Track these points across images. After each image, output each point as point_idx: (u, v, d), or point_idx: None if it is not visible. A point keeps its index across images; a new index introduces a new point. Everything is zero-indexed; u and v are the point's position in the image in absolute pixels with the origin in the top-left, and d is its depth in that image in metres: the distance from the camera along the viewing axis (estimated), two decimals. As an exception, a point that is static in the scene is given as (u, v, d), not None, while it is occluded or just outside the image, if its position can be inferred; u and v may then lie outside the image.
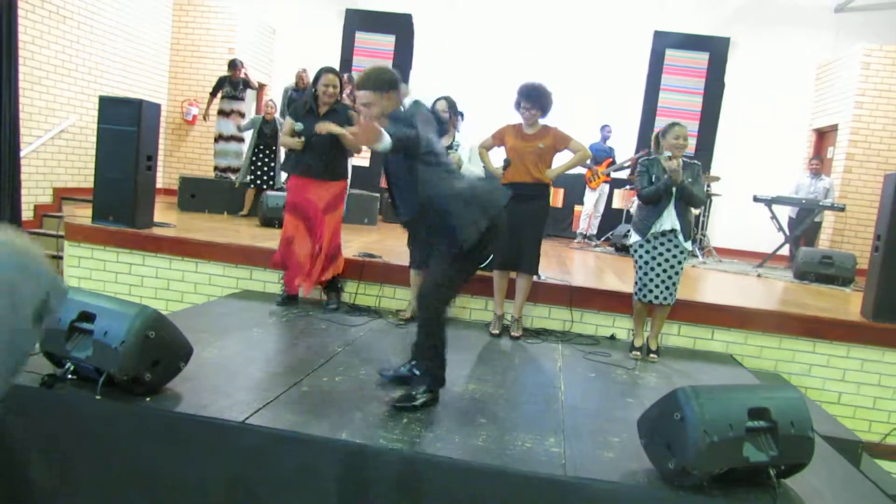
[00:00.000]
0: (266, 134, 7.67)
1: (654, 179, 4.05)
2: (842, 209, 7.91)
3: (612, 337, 4.75)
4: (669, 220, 4.06)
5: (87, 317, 2.68)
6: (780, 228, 8.08)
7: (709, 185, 8.83)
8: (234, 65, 8.35)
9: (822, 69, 9.71)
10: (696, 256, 8.11)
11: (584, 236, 9.11)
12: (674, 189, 4.02)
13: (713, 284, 6.37)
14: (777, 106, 9.91)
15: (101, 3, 8.15)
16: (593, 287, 5.00)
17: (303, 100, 4.66)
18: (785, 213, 8.43)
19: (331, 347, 3.73)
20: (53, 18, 7.40)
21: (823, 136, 9.76)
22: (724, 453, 2.26)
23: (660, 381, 3.80)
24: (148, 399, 2.64)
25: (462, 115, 6.72)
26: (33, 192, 7.32)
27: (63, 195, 7.72)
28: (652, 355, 4.26)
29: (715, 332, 4.73)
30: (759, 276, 7.20)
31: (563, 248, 8.31)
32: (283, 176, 8.24)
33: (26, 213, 6.99)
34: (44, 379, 2.66)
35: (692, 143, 9.91)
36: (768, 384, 3.46)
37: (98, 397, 2.57)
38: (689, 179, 4.03)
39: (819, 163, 8.61)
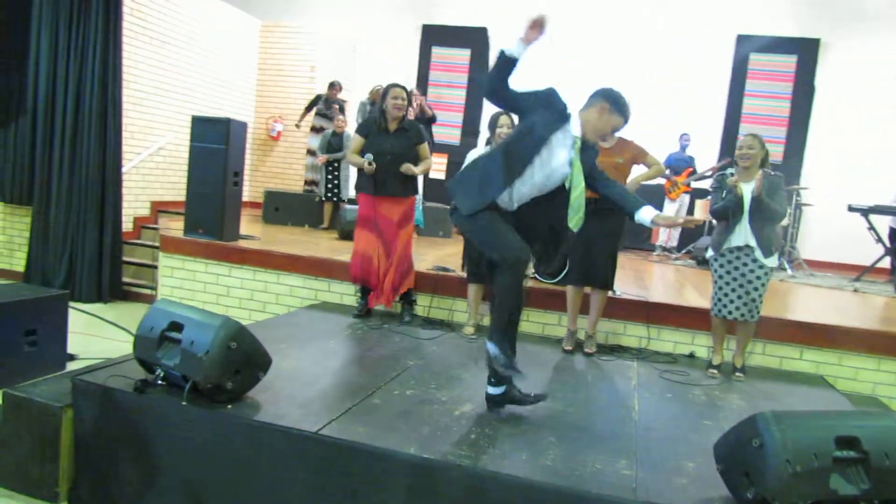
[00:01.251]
0: (334, 147, 7.89)
1: (724, 195, 3.92)
2: (949, 220, 7.35)
3: (692, 355, 4.59)
4: (743, 235, 3.91)
5: (177, 326, 2.86)
6: (879, 239, 7.58)
7: (798, 195, 8.42)
8: (332, 85, 8.69)
9: (924, 70, 9.06)
10: (785, 270, 7.73)
11: (664, 249, 8.87)
12: (745, 204, 3.86)
13: (802, 299, 6.05)
14: (873, 109, 9.30)
15: (196, 27, 8.66)
16: (671, 303, 4.85)
17: (372, 117, 4.76)
18: (885, 223, 7.90)
19: (403, 361, 3.79)
20: (154, 44, 7.91)
21: (928, 142, 9.09)
22: (809, 485, 2.15)
23: (741, 402, 3.64)
24: (229, 406, 2.78)
25: None
26: (133, 206, 7.82)
27: (160, 208, 8.22)
28: (738, 374, 4.09)
29: (804, 352, 4.48)
30: (855, 290, 6.78)
31: (641, 261, 8.11)
32: (351, 190, 8.49)
33: (126, 225, 7.48)
34: (136, 384, 2.85)
35: (779, 150, 9.50)
36: (862, 410, 3.25)
37: (184, 403, 2.72)
38: (763, 192, 3.85)
39: (923, 171, 8.03)
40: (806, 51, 9.49)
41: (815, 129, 9.55)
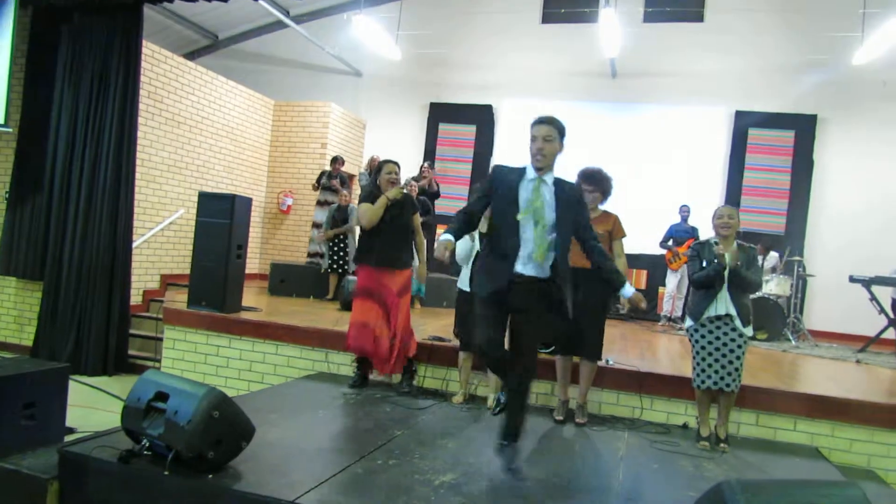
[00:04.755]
0: (338, 220, 8.12)
1: (704, 264, 4.00)
2: (951, 290, 7.33)
3: (685, 426, 4.57)
4: (724, 304, 3.97)
5: (162, 396, 2.95)
6: (882, 310, 7.55)
7: (802, 266, 8.45)
8: (334, 160, 9.04)
9: (919, 143, 9.24)
10: (790, 340, 7.69)
11: (669, 319, 8.86)
12: (725, 274, 3.94)
13: (803, 370, 6.00)
14: (872, 183, 9.46)
15: (210, 108, 9.11)
16: (663, 373, 4.86)
17: (367, 190, 4.95)
18: (888, 294, 7.89)
19: (390, 430, 3.82)
20: (169, 124, 8.32)
21: (928, 213, 9.16)
22: (774, 555, 2.15)
23: (729, 473, 3.61)
24: (210, 476, 2.83)
25: None
26: (143, 279, 8.03)
27: (169, 281, 8.42)
28: (722, 445, 4.06)
29: (798, 423, 4.45)
30: (858, 361, 6.71)
31: (645, 331, 8.11)
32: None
33: (135, 298, 7.67)
34: (121, 454, 2.91)
35: (781, 221, 9.61)
36: (829, 480, 3.20)
37: (166, 473, 2.78)
38: (739, 263, 3.94)
39: (923, 240, 8.07)
40: (803, 126, 9.74)
41: (815, 202, 9.70)
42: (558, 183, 3.22)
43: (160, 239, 8.35)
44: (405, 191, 4.82)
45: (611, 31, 8.59)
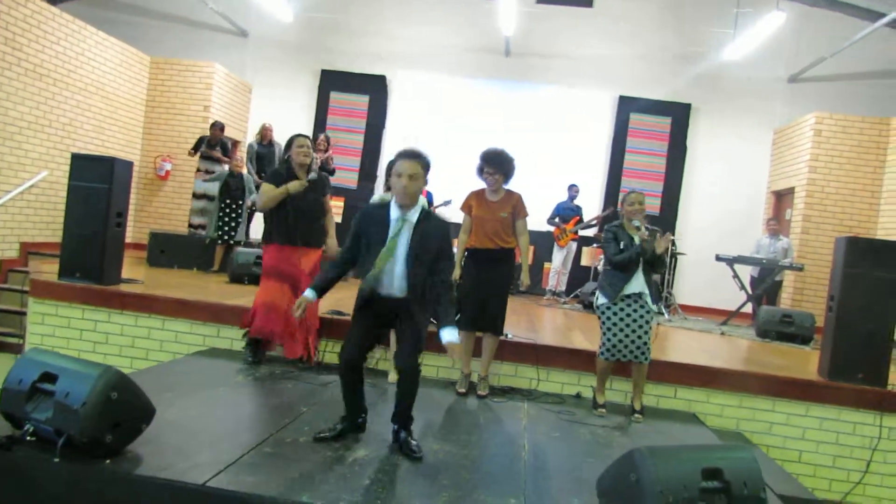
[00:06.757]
0: (231, 187, 7.75)
1: (622, 246, 4.21)
2: (800, 269, 8.18)
3: (578, 395, 4.81)
4: (638, 283, 4.21)
5: (50, 377, 2.69)
6: (743, 287, 8.30)
7: (674, 245, 9.09)
8: (213, 125, 8.51)
9: (778, 134, 10.18)
10: (663, 314, 8.27)
11: (553, 293, 9.25)
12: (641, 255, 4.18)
13: (678, 342, 6.49)
14: (738, 168, 10.35)
15: (77, 61, 8.29)
16: (559, 345, 5.08)
17: (283, 167, 4.70)
18: (747, 271, 8.68)
19: (296, 407, 3.72)
20: (29, 76, 7.49)
21: (782, 199, 10.14)
22: (679, 514, 2.31)
23: (623, 439, 3.85)
24: (108, 461, 2.62)
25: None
26: (0, 248, 7.26)
27: (30, 250, 7.66)
28: (637, 416, 4.32)
29: (678, 391, 4.81)
30: (722, 333, 7.35)
31: (532, 305, 8.41)
32: (252, 234, 8.30)
33: (-9, 268, 6.92)
34: (1, 441, 2.63)
35: (657, 202, 10.27)
36: (723, 444, 3.54)
37: (56, 459, 2.54)
38: (661, 250, 4.20)
39: (777, 224, 8.93)
40: (679, 114, 10.43)
41: (687, 185, 10.45)
42: (423, 219, 3.21)
43: (19, 203, 7.55)
44: (314, 170, 4.67)
45: (508, 9, 8.69)
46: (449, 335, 3.03)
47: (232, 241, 7.75)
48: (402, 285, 3.16)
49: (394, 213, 3.18)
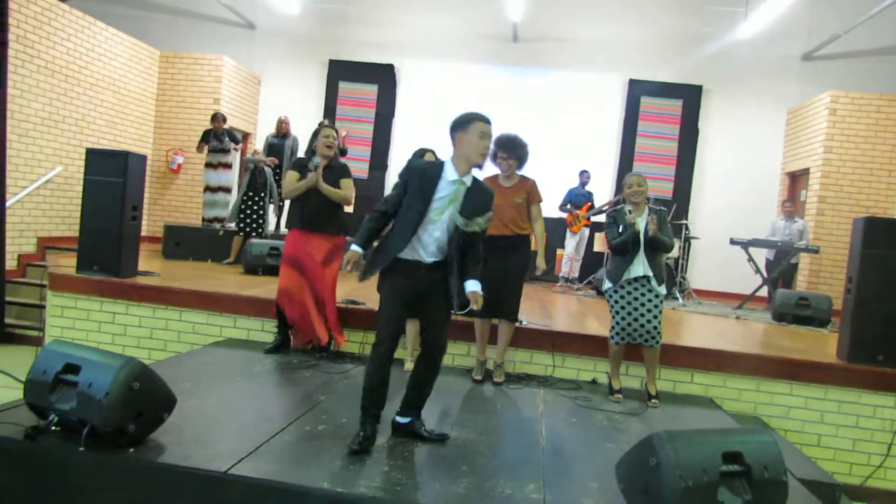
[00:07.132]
0: (258, 182, 7.78)
1: (620, 230, 4.19)
2: (816, 251, 8.10)
3: (594, 381, 4.80)
4: (641, 266, 4.18)
5: (72, 368, 2.72)
6: (758, 270, 8.24)
7: (687, 229, 9.03)
8: (214, 117, 8.51)
9: (792, 114, 10.05)
10: (677, 299, 8.24)
11: (567, 280, 9.23)
12: (641, 237, 4.14)
13: (693, 327, 6.47)
14: (751, 150, 10.24)
15: (88, 57, 8.33)
16: (574, 332, 5.07)
17: (308, 154, 4.77)
18: (762, 255, 8.61)
19: (314, 396, 3.75)
20: (42, 73, 7.53)
21: (796, 180, 10.04)
22: (700, 498, 2.31)
23: (639, 425, 3.85)
24: (131, 450, 2.66)
25: None
26: (17, 242, 7.32)
27: (47, 244, 7.73)
28: (653, 401, 4.30)
29: (694, 376, 4.80)
30: (738, 318, 7.32)
31: (545, 291, 8.41)
32: (272, 225, 8.35)
33: (10, 263, 6.98)
34: (27, 431, 2.67)
35: (669, 187, 10.20)
36: (743, 428, 3.52)
37: (81, 449, 2.58)
38: (656, 227, 4.15)
39: (792, 206, 8.85)
40: (690, 96, 10.32)
41: (699, 168, 10.36)
42: (475, 183, 3.20)
43: (35, 198, 7.62)
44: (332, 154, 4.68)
45: (516, -6, 8.64)
46: (473, 285, 3.09)
47: (256, 235, 7.76)
48: (435, 251, 3.09)
49: (450, 174, 3.10)
